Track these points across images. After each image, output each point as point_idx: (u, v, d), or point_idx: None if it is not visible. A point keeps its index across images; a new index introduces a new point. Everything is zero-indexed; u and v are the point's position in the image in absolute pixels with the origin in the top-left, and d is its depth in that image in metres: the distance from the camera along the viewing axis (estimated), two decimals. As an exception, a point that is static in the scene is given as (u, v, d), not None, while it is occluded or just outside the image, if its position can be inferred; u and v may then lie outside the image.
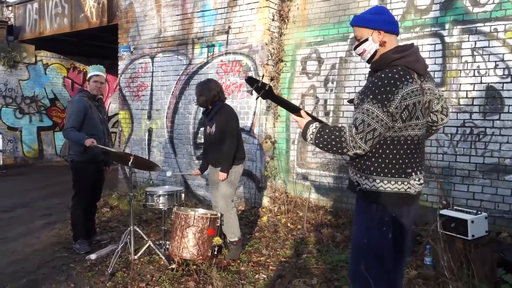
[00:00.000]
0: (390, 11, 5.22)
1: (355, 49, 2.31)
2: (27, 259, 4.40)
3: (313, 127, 2.19)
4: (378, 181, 2.12)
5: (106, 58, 12.09)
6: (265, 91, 2.27)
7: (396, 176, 2.11)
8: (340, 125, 2.17)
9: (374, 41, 2.19)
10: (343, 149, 2.09)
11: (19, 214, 6.37)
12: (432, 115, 2.35)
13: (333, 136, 2.11)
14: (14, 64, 11.58)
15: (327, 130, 2.15)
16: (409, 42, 2.33)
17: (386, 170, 2.11)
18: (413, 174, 2.13)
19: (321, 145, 2.16)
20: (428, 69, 2.24)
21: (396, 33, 2.23)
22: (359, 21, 2.24)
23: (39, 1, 10.78)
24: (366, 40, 2.21)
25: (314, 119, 2.29)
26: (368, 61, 2.27)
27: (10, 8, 11.68)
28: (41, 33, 10.87)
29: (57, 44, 11.81)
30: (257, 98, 2.85)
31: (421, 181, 2.18)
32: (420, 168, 2.18)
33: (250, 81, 2.33)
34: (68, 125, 4.42)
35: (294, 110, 2.33)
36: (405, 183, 2.12)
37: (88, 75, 4.62)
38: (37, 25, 10.93)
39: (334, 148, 2.11)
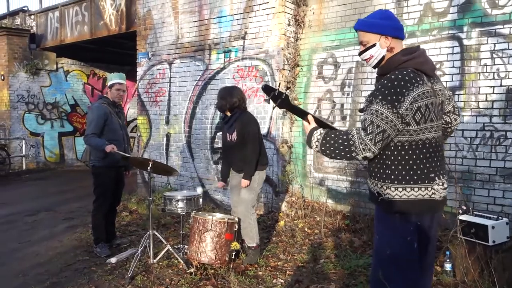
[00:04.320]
0: (407, 14, 5.26)
1: (360, 54, 2.22)
2: (50, 262, 4.51)
3: (317, 134, 2.13)
4: (400, 189, 2.04)
5: (125, 65, 12.33)
6: (281, 100, 2.25)
7: (419, 182, 2.03)
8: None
9: (382, 47, 2.12)
10: (352, 153, 2.03)
11: (42, 217, 6.53)
12: (445, 117, 2.30)
13: (340, 141, 2.05)
14: (36, 71, 11.91)
15: (332, 135, 2.09)
16: (414, 45, 2.29)
17: (407, 177, 2.04)
18: (436, 178, 2.05)
19: (327, 151, 2.09)
20: (447, 72, 2.22)
21: (402, 38, 2.18)
22: (365, 26, 2.16)
23: (60, 9, 11.06)
24: (373, 45, 2.14)
25: (322, 125, 2.23)
26: (374, 67, 2.21)
27: (32, 16, 12.01)
28: (62, 40, 11.14)
29: (77, 51, 12.10)
30: (274, 108, 2.84)
31: (445, 185, 2.10)
32: (442, 171, 2.10)
33: (267, 89, 2.30)
34: (89, 131, 4.51)
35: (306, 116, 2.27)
36: (429, 188, 2.04)
37: (110, 82, 4.67)
38: (58, 33, 11.21)
39: (342, 153, 2.05)
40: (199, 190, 4.82)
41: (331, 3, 5.96)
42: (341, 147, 2.05)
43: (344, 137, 2.06)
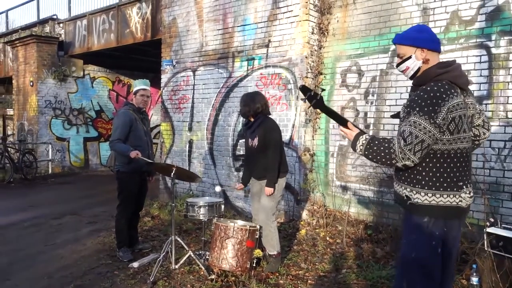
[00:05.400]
0: (433, 22, 5.19)
1: (397, 66, 2.36)
2: (75, 265, 4.60)
3: (363, 139, 2.27)
4: (430, 194, 2.15)
5: (149, 72, 12.55)
6: (316, 101, 2.38)
7: (448, 189, 2.14)
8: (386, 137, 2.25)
9: (417, 59, 2.24)
10: (392, 160, 2.15)
11: (67, 221, 6.67)
12: (474, 130, 2.38)
13: (382, 148, 2.18)
14: (64, 78, 12.26)
15: (376, 142, 2.22)
16: (450, 59, 2.37)
17: (438, 184, 2.14)
18: (464, 187, 2.17)
19: (370, 156, 2.24)
20: (474, 81, 2.28)
21: (438, 51, 2.28)
22: (402, 39, 2.30)
23: (88, 18, 11.37)
24: (409, 58, 2.26)
25: (361, 131, 2.36)
26: (411, 78, 2.32)
27: (61, 25, 12.38)
28: (89, 48, 11.43)
29: (103, 58, 12.40)
30: (309, 107, 3.01)
31: (471, 193, 2.21)
32: (469, 180, 2.22)
33: (304, 90, 2.44)
34: (115, 137, 4.60)
35: (342, 122, 2.40)
36: (457, 196, 2.15)
37: (135, 89, 4.78)
38: (85, 41, 11.51)
39: (384, 160, 2.18)
40: (218, 189, 4.80)
41: (356, 12, 5.94)
42: (383, 154, 2.18)
43: (386, 144, 2.18)
